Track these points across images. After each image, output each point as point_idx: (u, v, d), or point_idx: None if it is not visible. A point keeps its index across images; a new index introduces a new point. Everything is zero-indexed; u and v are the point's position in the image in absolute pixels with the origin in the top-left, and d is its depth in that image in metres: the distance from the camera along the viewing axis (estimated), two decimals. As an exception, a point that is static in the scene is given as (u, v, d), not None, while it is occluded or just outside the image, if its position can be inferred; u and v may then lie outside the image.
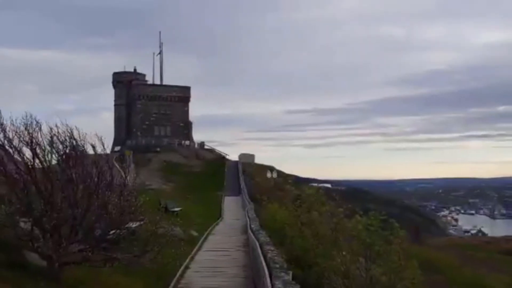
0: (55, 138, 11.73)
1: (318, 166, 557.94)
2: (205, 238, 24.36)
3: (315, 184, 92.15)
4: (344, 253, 16.98)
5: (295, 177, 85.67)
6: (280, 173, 66.26)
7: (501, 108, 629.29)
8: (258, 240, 15.94)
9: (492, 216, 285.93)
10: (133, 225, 13.11)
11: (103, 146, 12.50)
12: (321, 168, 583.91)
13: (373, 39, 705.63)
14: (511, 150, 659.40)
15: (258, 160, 74.65)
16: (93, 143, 12.28)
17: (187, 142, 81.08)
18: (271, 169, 64.51)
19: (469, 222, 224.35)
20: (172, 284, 13.18)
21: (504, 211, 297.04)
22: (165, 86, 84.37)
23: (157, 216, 13.15)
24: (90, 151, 12.34)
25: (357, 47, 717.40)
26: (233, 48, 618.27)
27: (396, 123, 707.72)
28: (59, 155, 12.00)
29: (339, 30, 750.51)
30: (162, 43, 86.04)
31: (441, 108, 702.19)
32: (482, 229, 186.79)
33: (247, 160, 70.93)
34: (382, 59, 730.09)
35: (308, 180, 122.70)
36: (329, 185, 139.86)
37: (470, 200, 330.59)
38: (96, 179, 11.64)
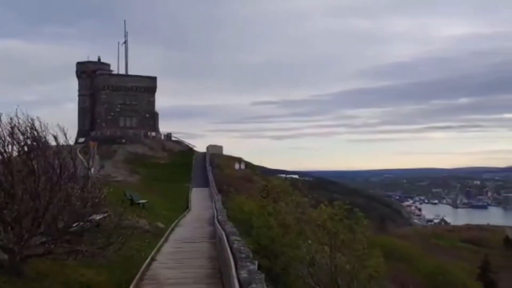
0: (15, 129, 11.45)
1: (286, 157, 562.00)
2: (172, 230, 24.25)
3: (283, 175, 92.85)
4: (309, 242, 17.17)
5: (263, 168, 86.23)
6: (248, 164, 66.43)
7: (463, 100, 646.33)
8: (224, 231, 15.96)
9: (455, 206, 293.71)
10: (97, 217, 12.95)
11: (66, 137, 12.26)
12: (289, 159, 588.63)
13: (340, 31, 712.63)
14: (472, 141, 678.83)
15: (226, 151, 74.59)
16: (55, 134, 12.04)
17: (154, 134, 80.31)
18: (239, 160, 64.64)
19: (432, 212, 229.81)
20: (137, 276, 13.08)
21: (465, 201, 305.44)
22: (131, 76, 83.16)
23: (122, 208, 12.98)
24: (52, 142, 12.10)
25: (325, 39, 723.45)
26: (200, 39, 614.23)
27: (361, 115, 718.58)
28: (20, 146, 11.73)
29: (307, 22, 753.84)
30: (127, 33, 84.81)
31: (405, 100, 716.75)
32: (445, 218, 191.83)
33: (215, 152, 70.75)
34: (348, 51, 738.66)
35: (276, 171, 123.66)
36: (296, 176, 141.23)
37: (433, 190, 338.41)
38: (58, 171, 11.42)
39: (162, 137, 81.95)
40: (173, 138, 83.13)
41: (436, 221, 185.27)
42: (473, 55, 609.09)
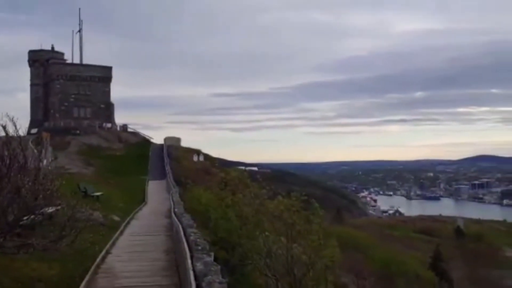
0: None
1: (245, 150, 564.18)
2: (128, 223, 23.88)
3: (242, 167, 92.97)
4: (267, 233, 17.26)
5: (222, 160, 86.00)
6: (206, 156, 66.08)
7: (418, 94, 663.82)
8: (181, 223, 15.87)
9: (408, 197, 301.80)
10: (50, 210, 12.60)
11: (16, 128, 11.82)
12: (248, 152, 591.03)
13: (300, 25, 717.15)
14: (426, 134, 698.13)
15: (184, 143, 73.89)
16: (4, 124, 11.59)
17: (109, 125, 78.68)
18: (198, 152, 64.23)
19: (387, 203, 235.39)
20: (91, 269, 12.84)
21: (419, 192, 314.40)
22: (85, 65, 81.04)
23: (75, 201, 12.66)
24: (1, 132, 11.66)
25: (284, 32, 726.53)
26: (157, 29, 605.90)
27: (320, 108, 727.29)
28: (-35, 137, 11.26)
29: (267, 14, 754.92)
30: (82, 21, 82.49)
31: (362, 93, 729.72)
32: (399, 209, 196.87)
33: (172, 144, 70.01)
34: (308, 45, 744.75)
35: (235, 164, 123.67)
36: (255, 168, 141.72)
37: (388, 182, 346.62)
38: (7, 162, 11.01)
39: (118, 128, 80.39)
40: (129, 130, 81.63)
41: (390, 212, 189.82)
42: (427, 50, 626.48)
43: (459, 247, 75.42)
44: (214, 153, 76.37)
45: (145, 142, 74.80)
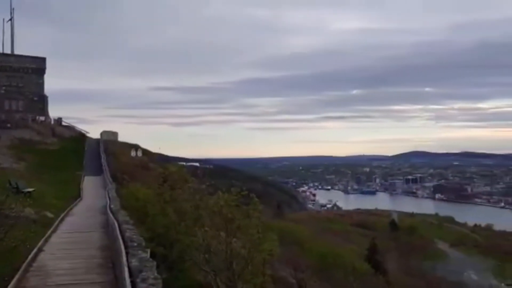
0: None
1: (186, 145, 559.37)
2: (62, 219, 23.12)
3: (184, 163, 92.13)
4: (206, 229, 17.16)
5: (162, 156, 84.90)
6: (145, 151, 64.97)
7: (355, 92, 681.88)
8: (117, 220, 15.60)
9: (346, 191, 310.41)
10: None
11: None
12: (190, 147, 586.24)
13: (240, 20, 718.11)
14: (363, 131, 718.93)
15: (121, 138, 72.26)
16: None
17: (42, 118, 75.57)
18: (136, 147, 63.00)
19: (326, 197, 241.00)
20: (22, 268, 12.30)
21: (356, 187, 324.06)
22: (17, 56, 77.41)
23: (3, 196, 12.09)
24: None
25: (225, 27, 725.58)
26: (93, 19, 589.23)
27: (261, 104, 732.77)
28: None
29: (207, 8, 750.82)
30: (13, 9, 78.68)
31: (301, 90, 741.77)
32: (337, 203, 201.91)
33: (109, 138, 68.31)
34: (248, 40, 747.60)
35: (176, 159, 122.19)
36: (197, 164, 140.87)
37: (327, 177, 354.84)
38: None
39: (52, 122, 77.36)
40: (64, 123, 78.76)
41: (329, 206, 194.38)
42: (363, 49, 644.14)
43: (394, 239, 78.43)
44: (153, 148, 75.26)
45: (81, 137, 72.49)
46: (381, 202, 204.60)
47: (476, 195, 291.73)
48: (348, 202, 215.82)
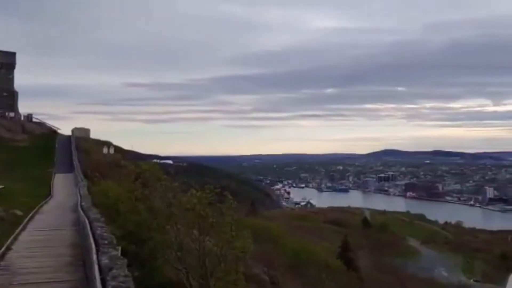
0: None
1: (160, 142, 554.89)
2: (32, 217, 22.74)
3: (157, 161, 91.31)
4: (178, 226, 17.05)
5: (134, 153, 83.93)
6: (117, 148, 64.16)
7: (329, 90, 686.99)
8: (88, 217, 15.44)
9: (320, 189, 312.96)
10: None
11: None
12: (163, 144, 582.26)
13: (214, 17, 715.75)
14: (336, 129, 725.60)
15: (93, 135, 71.23)
16: None
17: (12, 114, 73.90)
18: (108, 144, 62.14)
19: (300, 195, 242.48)
20: (-12, 267, 12.04)
21: (329, 184, 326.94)
22: (-14, 51, 75.69)
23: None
24: None
25: (199, 24, 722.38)
26: (66, 14, 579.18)
27: (236, 101, 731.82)
28: None
29: (182, 5, 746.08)
30: (-18, 4, 76.94)
31: (276, 88, 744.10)
32: (311, 201, 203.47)
33: (81, 135, 67.29)
34: (223, 37, 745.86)
35: (149, 157, 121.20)
36: (170, 162, 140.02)
37: (301, 175, 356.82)
38: None
39: (22, 118, 75.80)
40: (34, 120, 77.29)
41: (303, 203, 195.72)
42: (337, 48, 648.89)
43: (366, 237, 79.37)
44: (126, 145, 74.40)
45: (52, 133, 71.17)
46: (354, 200, 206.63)
47: (447, 193, 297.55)
48: (322, 200, 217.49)
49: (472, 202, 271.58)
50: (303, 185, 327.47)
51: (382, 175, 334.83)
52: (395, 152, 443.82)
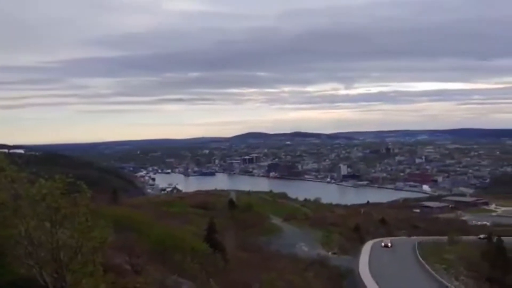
0: None
1: (9, 130, 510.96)
2: None
3: (5, 150, 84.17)
4: (27, 219, 15.88)
5: (-21, 143, 76.29)
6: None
7: (194, 74, 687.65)
8: None
9: (186, 174, 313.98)
10: None
11: None
12: (13, 132, 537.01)
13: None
14: (202, 113, 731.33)
15: None
16: None
17: None
18: None
19: (166, 181, 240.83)
20: None
21: (196, 169, 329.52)
22: None
23: None
24: None
25: (52, 1, 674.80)
26: None
27: (93, 85, 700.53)
28: None
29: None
30: None
31: (138, 71, 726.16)
32: (177, 186, 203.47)
33: None
34: (79, 17, 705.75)
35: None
36: (21, 151, 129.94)
37: (167, 160, 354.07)
38: None
39: None
40: None
41: (169, 189, 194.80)
42: (202, 32, 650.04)
43: (232, 218, 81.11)
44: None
45: None
46: (220, 182, 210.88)
47: (306, 172, 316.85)
48: (189, 184, 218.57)
49: (328, 179, 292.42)
50: (169, 171, 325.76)
51: (247, 157, 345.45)
52: (258, 135, 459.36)
